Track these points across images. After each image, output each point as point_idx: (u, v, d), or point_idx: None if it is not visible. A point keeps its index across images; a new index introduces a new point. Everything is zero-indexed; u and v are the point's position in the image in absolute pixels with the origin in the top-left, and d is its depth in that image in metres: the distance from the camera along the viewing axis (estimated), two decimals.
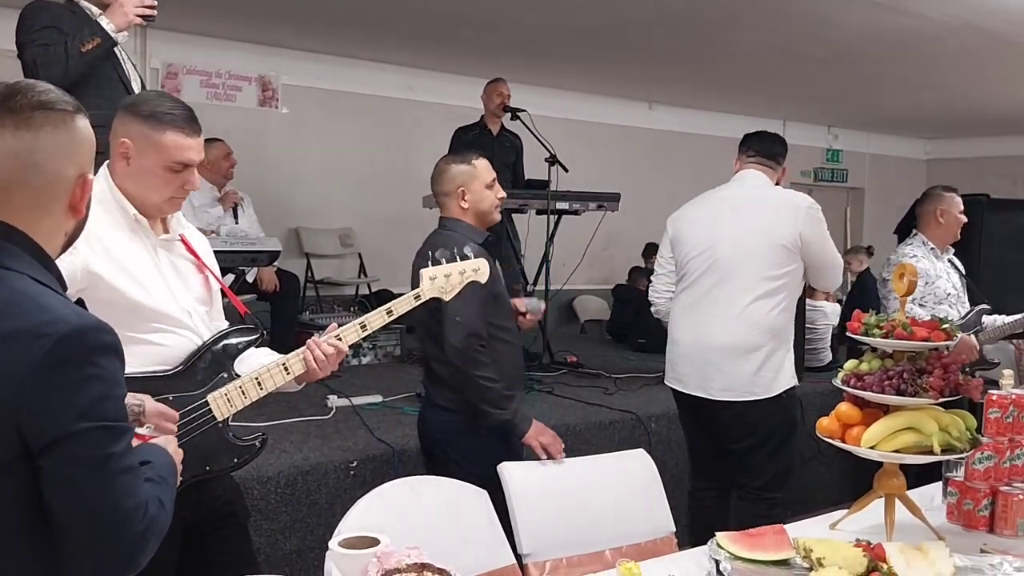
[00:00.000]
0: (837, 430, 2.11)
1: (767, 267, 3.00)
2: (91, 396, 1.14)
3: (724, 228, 3.07)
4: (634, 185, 6.74)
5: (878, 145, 11.43)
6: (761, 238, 3.01)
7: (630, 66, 7.30)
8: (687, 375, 3.12)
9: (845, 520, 2.16)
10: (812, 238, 3.02)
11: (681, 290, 3.17)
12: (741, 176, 3.20)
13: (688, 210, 3.25)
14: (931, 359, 2.03)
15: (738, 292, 3.01)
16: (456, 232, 2.71)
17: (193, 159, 1.91)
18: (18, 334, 1.12)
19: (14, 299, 1.16)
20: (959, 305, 3.99)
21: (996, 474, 2.20)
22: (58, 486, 1.13)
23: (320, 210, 7.13)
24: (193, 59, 6.58)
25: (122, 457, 1.17)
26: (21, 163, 1.20)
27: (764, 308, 3.00)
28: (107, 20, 2.87)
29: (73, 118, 1.26)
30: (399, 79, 7.51)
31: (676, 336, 3.17)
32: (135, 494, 1.18)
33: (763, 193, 3.13)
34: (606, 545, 2.29)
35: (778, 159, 3.23)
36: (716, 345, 3.03)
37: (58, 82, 2.71)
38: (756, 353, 3.00)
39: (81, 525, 1.14)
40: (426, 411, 2.87)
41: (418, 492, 2.15)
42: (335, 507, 3.02)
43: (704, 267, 3.07)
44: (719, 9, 5.44)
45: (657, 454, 2.95)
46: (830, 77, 7.47)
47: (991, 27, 5.60)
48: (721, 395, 3.03)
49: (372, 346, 5.21)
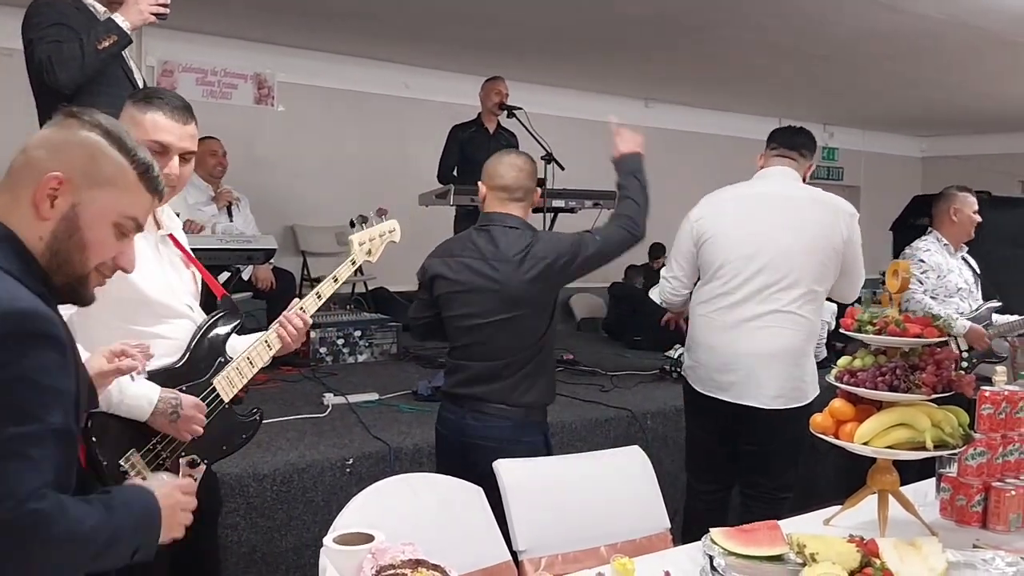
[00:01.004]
0: (831, 426, 2.12)
1: (821, 270, 2.91)
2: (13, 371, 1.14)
3: (770, 228, 2.93)
4: None
5: (874, 143, 11.46)
6: (817, 241, 2.90)
7: (626, 64, 7.31)
8: (731, 383, 2.94)
9: (839, 516, 2.17)
10: (852, 246, 2.96)
11: (717, 293, 2.97)
12: (766, 173, 3.07)
13: (718, 207, 3.06)
14: (924, 355, 2.04)
15: (791, 295, 2.89)
16: (545, 233, 2.71)
17: (171, 141, 1.92)
18: None
19: None
20: (970, 299, 4.18)
21: (989, 470, 2.21)
22: None
23: (316, 208, 7.13)
24: (189, 57, 6.58)
25: (13, 442, 1.14)
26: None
27: (811, 313, 2.93)
28: (122, 17, 2.86)
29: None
30: (395, 77, 7.51)
31: (712, 342, 2.97)
32: (16, 482, 1.13)
33: (807, 194, 3.00)
34: (601, 541, 2.29)
35: (801, 150, 3.07)
36: (768, 351, 2.89)
37: (75, 79, 2.74)
38: (805, 358, 2.94)
39: None
40: (466, 417, 2.59)
41: (413, 489, 2.15)
42: (331, 504, 3.03)
43: (750, 269, 2.92)
44: (715, 7, 5.45)
45: (652, 451, 2.96)
46: (826, 75, 7.48)
47: (986, 25, 5.61)
48: (772, 403, 2.90)
49: (368, 344, 5.21)
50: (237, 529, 2.93)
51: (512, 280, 2.54)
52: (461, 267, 2.60)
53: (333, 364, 5.03)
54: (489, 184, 2.65)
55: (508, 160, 2.65)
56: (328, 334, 5.05)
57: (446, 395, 2.69)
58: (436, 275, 2.65)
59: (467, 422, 2.58)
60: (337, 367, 4.98)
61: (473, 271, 2.58)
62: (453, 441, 2.63)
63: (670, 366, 4.89)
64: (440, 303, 2.66)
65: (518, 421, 2.57)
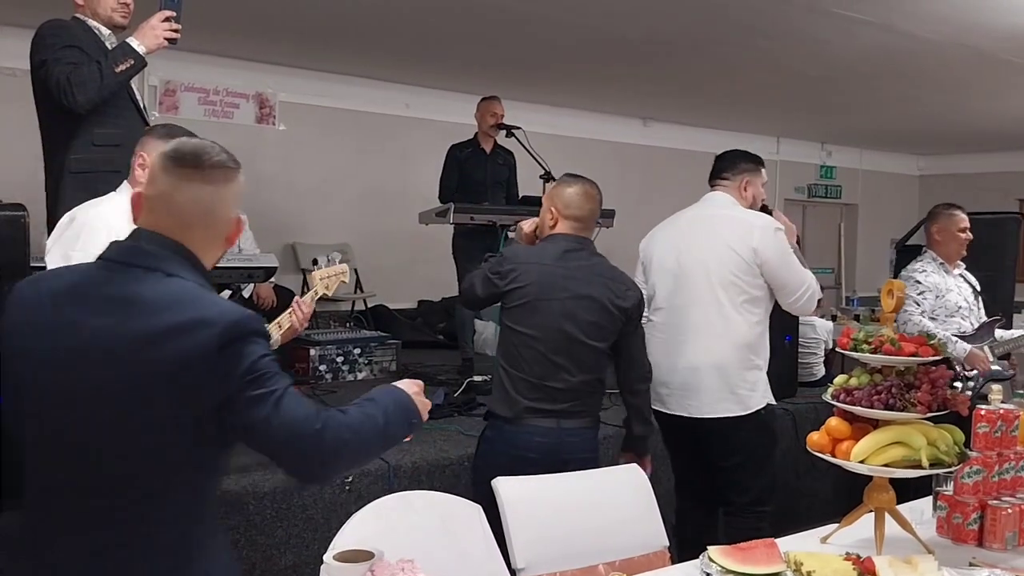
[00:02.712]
0: (827, 444, 2.13)
1: (732, 283, 3.01)
2: (252, 358, 1.43)
3: (687, 247, 3.10)
4: (628, 201, 6.77)
5: (871, 161, 11.51)
6: (722, 255, 3.02)
7: (625, 83, 7.36)
8: (667, 396, 3.12)
9: (836, 534, 2.18)
10: (770, 256, 3.01)
11: (653, 310, 3.16)
12: (705, 197, 3.24)
13: (656, 232, 3.28)
14: (919, 374, 2.06)
15: (708, 310, 3.02)
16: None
17: None
18: (194, 323, 1.41)
19: (186, 297, 1.46)
20: (971, 318, 4.13)
21: (985, 488, 2.22)
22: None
23: (317, 226, 7.17)
24: (191, 76, 6.63)
25: (283, 391, 1.45)
26: (203, 208, 1.51)
27: (735, 325, 3.01)
28: (138, 41, 2.89)
29: (238, 173, 1.57)
30: (396, 96, 7.56)
31: (653, 358, 3.08)
32: (300, 408, 1.45)
33: (724, 212, 3.15)
34: (600, 559, 2.30)
35: (723, 175, 3.20)
36: (692, 364, 3.03)
37: (92, 101, 2.78)
38: (732, 370, 3.01)
39: (271, 439, 1.44)
40: (559, 434, 2.69)
41: (413, 506, 2.16)
42: (330, 521, 3.03)
43: (673, 287, 3.10)
44: (713, 27, 5.49)
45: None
46: (823, 94, 7.53)
47: (981, 45, 5.66)
48: (701, 413, 3.04)
49: (368, 361, 5.22)
50: (237, 547, 2.93)
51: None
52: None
53: (333, 381, 5.04)
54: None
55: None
56: (328, 351, 5.06)
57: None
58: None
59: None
60: (337, 384, 4.98)
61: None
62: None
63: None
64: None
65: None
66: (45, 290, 1.50)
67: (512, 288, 2.72)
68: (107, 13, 2.99)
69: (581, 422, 2.76)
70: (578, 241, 2.79)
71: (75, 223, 2.25)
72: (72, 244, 2.20)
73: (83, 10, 3.00)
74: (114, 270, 1.47)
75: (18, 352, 1.48)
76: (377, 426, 1.54)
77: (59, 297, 1.47)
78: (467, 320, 5.49)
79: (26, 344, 1.47)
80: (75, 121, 2.83)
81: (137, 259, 1.47)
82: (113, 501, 1.43)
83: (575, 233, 2.80)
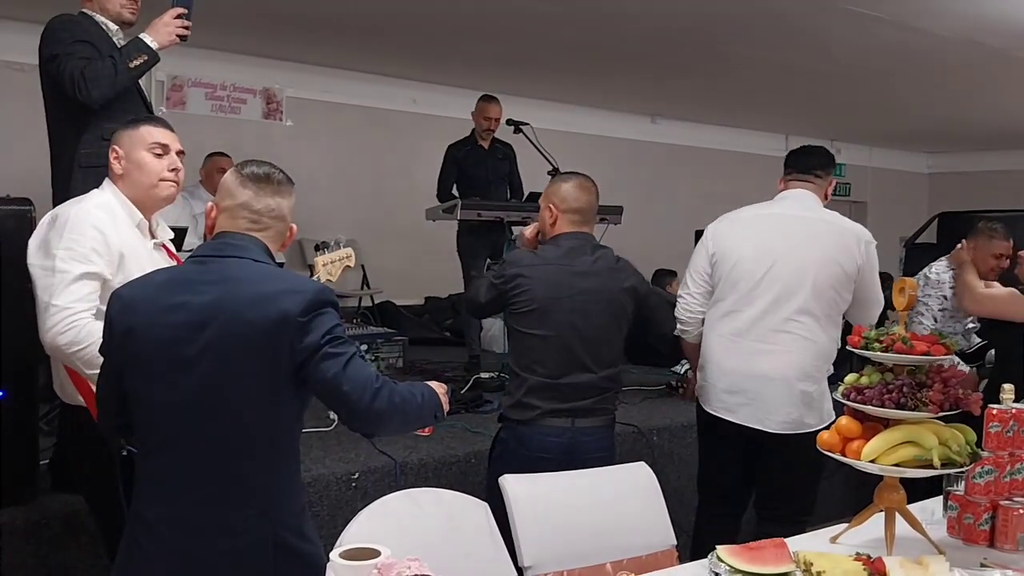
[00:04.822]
0: (837, 443, 2.11)
1: (832, 294, 2.88)
2: (330, 324, 1.74)
3: (784, 250, 2.90)
4: (637, 198, 6.75)
5: (881, 159, 11.46)
6: (829, 265, 2.88)
7: (633, 80, 7.33)
8: (738, 405, 2.91)
9: (846, 534, 2.16)
10: (868, 273, 2.93)
11: (725, 313, 2.95)
12: (785, 195, 3.05)
13: (733, 225, 3.05)
14: (931, 373, 2.04)
15: (799, 320, 2.87)
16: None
17: (167, 141, 2.31)
18: (286, 291, 1.72)
19: (275, 273, 1.80)
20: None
21: (996, 488, 2.20)
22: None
23: (324, 222, 7.14)
24: (198, 72, 6.62)
25: (352, 355, 1.74)
26: (276, 213, 1.87)
27: (821, 337, 2.89)
28: (151, 38, 2.90)
29: (293, 188, 1.93)
30: (403, 92, 7.55)
31: (724, 364, 2.94)
32: (365, 370, 1.75)
33: (823, 216, 2.98)
34: (607, 558, 2.29)
35: (815, 171, 3.04)
36: (772, 376, 2.86)
37: (106, 96, 2.79)
38: (813, 384, 2.89)
39: (339, 393, 1.72)
40: (573, 434, 2.70)
41: (419, 504, 2.15)
42: (336, 519, 3.02)
43: (756, 291, 2.90)
44: (722, 24, 5.47)
45: (659, 467, 2.94)
46: (833, 91, 7.50)
47: (992, 42, 5.63)
48: (780, 427, 2.86)
49: (374, 358, 5.21)
50: None
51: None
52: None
53: None
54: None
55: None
56: None
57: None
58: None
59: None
60: None
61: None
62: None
63: (677, 382, 4.88)
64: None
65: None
66: (149, 284, 1.80)
67: (518, 294, 2.72)
68: (116, 9, 2.99)
69: (596, 421, 2.75)
70: (580, 238, 2.78)
71: (58, 221, 2.22)
72: (55, 242, 2.17)
73: (91, 5, 2.99)
74: (207, 262, 1.78)
75: (140, 335, 1.74)
76: (417, 402, 1.83)
77: (164, 287, 1.77)
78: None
79: (147, 321, 1.74)
80: (85, 116, 2.83)
81: (228, 251, 1.79)
82: (220, 449, 1.71)
83: (576, 229, 2.78)
